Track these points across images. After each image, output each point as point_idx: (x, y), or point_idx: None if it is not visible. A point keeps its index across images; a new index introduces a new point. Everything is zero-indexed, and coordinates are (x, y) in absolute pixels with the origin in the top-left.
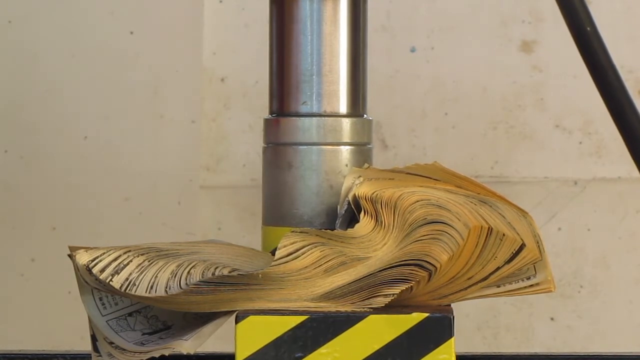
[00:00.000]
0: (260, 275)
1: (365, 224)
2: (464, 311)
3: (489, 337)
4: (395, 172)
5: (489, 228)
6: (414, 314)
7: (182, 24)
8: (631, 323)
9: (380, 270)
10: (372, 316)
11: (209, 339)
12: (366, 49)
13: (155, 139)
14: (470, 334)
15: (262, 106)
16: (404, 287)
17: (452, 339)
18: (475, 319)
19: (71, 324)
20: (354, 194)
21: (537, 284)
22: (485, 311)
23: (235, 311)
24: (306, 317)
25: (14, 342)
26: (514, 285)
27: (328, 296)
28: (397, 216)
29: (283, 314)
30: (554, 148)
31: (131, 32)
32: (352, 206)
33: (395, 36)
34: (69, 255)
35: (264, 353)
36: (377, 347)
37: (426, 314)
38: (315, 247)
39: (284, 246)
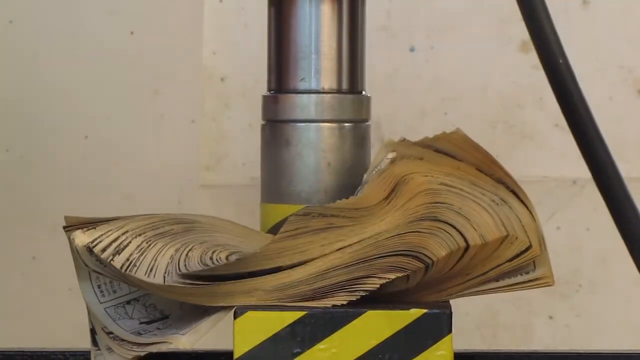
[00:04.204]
0: (258, 251)
1: (376, 192)
2: (463, 310)
3: (488, 336)
4: (425, 147)
5: (507, 236)
6: (412, 310)
7: (182, 24)
8: (630, 322)
9: (377, 258)
10: (370, 312)
11: (207, 335)
12: (364, 27)
13: (156, 138)
14: (469, 333)
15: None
16: (400, 274)
17: (450, 335)
18: (474, 318)
19: (72, 321)
20: (385, 170)
21: (537, 279)
22: (484, 310)
23: (232, 307)
24: (304, 312)
25: (15, 340)
26: (513, 280)
27: (323, 277)
28: (410, 205)
29: (281, 310)
30: (553, 147)
31: (131, 32)
32: None
33: (395, 36)
34: (65, 229)
35: (262, 349)
36: (375, 343)
37: (424, 310)
38: (316, 234)
39: (286, 231)
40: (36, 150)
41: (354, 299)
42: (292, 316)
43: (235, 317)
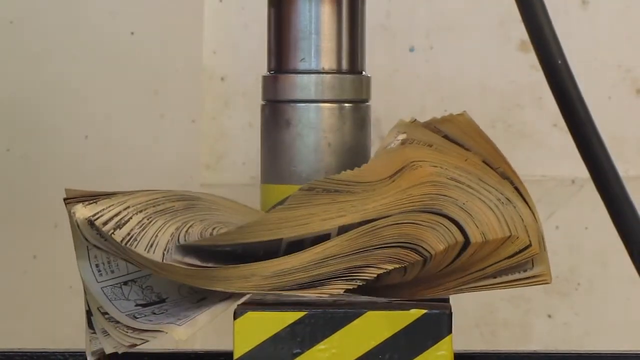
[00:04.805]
0: (259, 220)
1: (382, 168)
2: (461, 308)
3: (487, 334)
4: (434, 131)
5: (509, 236)
6: (412, 311)
7: (182, 24)
8: (628, 320)
9: (375, 248)
10: (370, 312)
11: (205, 330)
12: (364, 7)
13: (156, 138)
14: (468, 331)
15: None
16: (397, 265)
17: (450, 335)
18: (473, 316)
19: (72, 321)
20: (394, 150)
21: (534, 276)
22: (482, 308)
23: (229, 296)
24: (304, 312)
25: (15, 340)
26: (510, 277)
27: (321, 265)
28: (415, 192)
29: (281, 310)
30: (552, 147)
31: (132, 33)
32: None
33: (394, 36)
34: (65, 202)
35: (262, 349)
36: (375, 343)
37: (424, 310)
38: (317, 206)
39: (289, 204)
40: (36, 150)
41: (351, 287)
42: (292, 316)
43: (235, 318)
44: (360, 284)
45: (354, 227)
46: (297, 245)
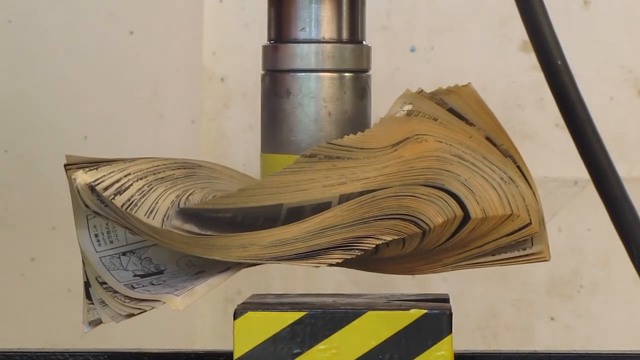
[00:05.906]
0: (260, 182)
1: (385, 136)
2: (463, 310)
3: (489, 337)
4: (439, 103)
5: (510, 214)
6: (412, 310)
7: (182, 24)
8: (631, 323)
9: (375, 220)
10: (370, 312)
11: (205, 330)
12: None
13: (155, 138)
14: (470, 334)
15: None
16: (396, 237)
17: (451, 335)
18: (475, 319)
19: (71, 322)
20: (400, 119)
21: (533, 254)
22: (484, 311)
23: (227, 268)
24: (304, 312)
25: (14, 341)
26: (509, 254)
27: (319, 235)
28: (418, 165)
29: (281, 310)
30: (554, 148)
31: (131, 32)
32: None
33: (395, 36)
34: (65, 168)
35: (262, 349)
36: (375, 343)
37: (424, 310)
38: (319, 172)
39: (291, 168)
40: (36, 151)
41: (349, 257)
42: (292, 316)
43: (235, 318)
44: (359, 254)
45: (354, 197)
46: (296, 214)
